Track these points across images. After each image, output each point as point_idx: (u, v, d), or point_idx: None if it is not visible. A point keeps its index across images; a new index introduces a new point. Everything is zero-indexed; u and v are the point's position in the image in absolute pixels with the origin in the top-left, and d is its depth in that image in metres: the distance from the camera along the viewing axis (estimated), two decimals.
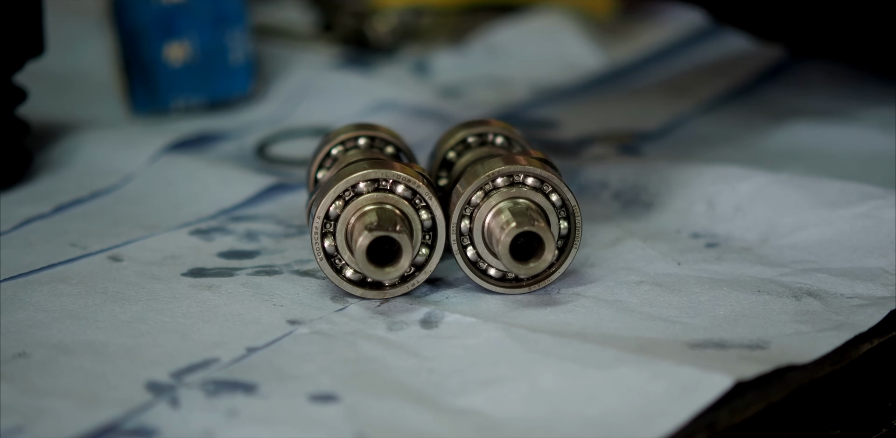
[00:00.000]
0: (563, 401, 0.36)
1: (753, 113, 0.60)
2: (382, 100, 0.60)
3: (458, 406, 0.36)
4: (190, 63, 0.60)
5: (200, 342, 0.40)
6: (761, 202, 0.48)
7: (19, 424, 0.35)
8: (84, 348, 0.39)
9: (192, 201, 0.51)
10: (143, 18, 0.59)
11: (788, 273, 0.44)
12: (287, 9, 0.75)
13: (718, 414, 0.36)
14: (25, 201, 0.50)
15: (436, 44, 0.69)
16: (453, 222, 0.42)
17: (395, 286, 0.42)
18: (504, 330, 0.40)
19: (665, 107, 0.60)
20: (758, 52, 0.65)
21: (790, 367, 0.38)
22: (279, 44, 0.67)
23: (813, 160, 0.54)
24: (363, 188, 0.42)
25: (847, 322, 0.40)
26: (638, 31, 0.71)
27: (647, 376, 0.37)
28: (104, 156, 0.54)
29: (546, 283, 0.43)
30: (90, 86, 0.64)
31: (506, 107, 0.60)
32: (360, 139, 0.46)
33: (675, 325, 0.41)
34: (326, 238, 0.42)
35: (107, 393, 0.37)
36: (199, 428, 0.36)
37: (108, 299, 0.43)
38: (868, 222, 0.46)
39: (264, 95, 0.62)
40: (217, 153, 0.56)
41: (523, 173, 0.42)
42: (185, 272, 0.45)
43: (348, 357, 0.39)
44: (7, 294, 0.43)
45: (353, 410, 0.36)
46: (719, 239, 0.47)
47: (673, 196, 0.49)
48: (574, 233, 0.43)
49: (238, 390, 0.37)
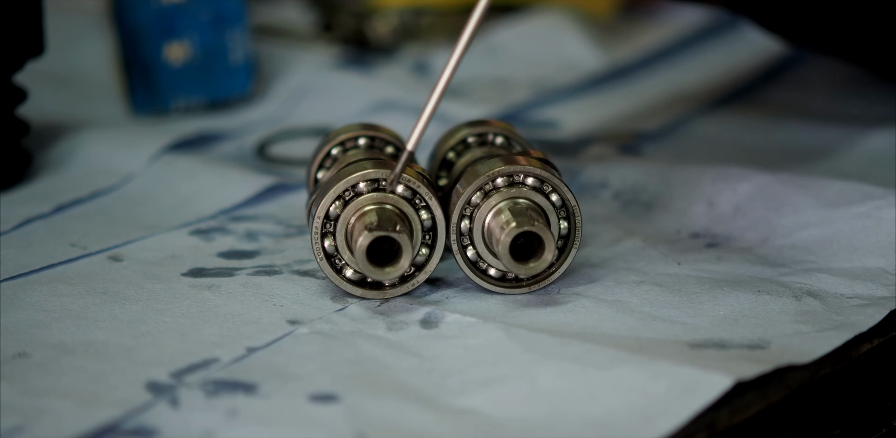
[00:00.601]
0: (563, 401, 0.36)
1: (753, 113, 0.60)
2: (382, 100, 0.60)
3: (458, 406, 0.36)
4: (190, 63, 0.60)
5: (200, 342, 0.40)
6: (761, 202, 0.48)
7: (19, 424, 0.35)
8: (84, 348, 0.39)
9: (192, 201, 0.51)
10: (143, 18, 0.59)
11: (788, 273, 0.44)
12: (287, 9, 0.75)
13: (718, 414, 0.36)
14: (25, 201, 0.50)
15: (436, 44, 0.69)
16: (453, 222, 0.42)
17: (395, 286, 0.42)
18: (504, 330, 0.40)
19: (665, 107, 0.60)
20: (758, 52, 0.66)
21: (790, 367, 0.38)
22: (279, 44, 0.67)
23: (813, 160, 0.54)
24: (363, 188, 0.42)
25: (847, 322, 0.40)
26: (638, 31, 0.71)
27: (647, 376, 0.37)
28: (104, 156, 0.54)
29: (546, 283, 0.43)
30: (90, 86, 0.64)
31: (506, 107, 0.60)
32: (360, 139, 0.46)
33: (675, 325, 0.41)
34: (326, 238, 0.42)
35: (107, 393, 0.37)
36: (199, 428, 0.36)
37: (108, 299, 0.43)
38: (868, 221, 0.46)
39: (264, 95, 0.62)
40: (217, 153, 0.56)
41: (523, 173, 0.42)
42: (185, 272, 0.45)
43: (348, 357, 0.39)
44: (7, 294, 0.43)
45: (353, 410, 0.36)
46: (719, 239, 0.47)
47: (673, 196, 0.49)
48: (574, 233, 0.43)
49: (238, 390, 0.37)
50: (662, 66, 0.66)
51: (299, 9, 0.74)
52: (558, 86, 0.63)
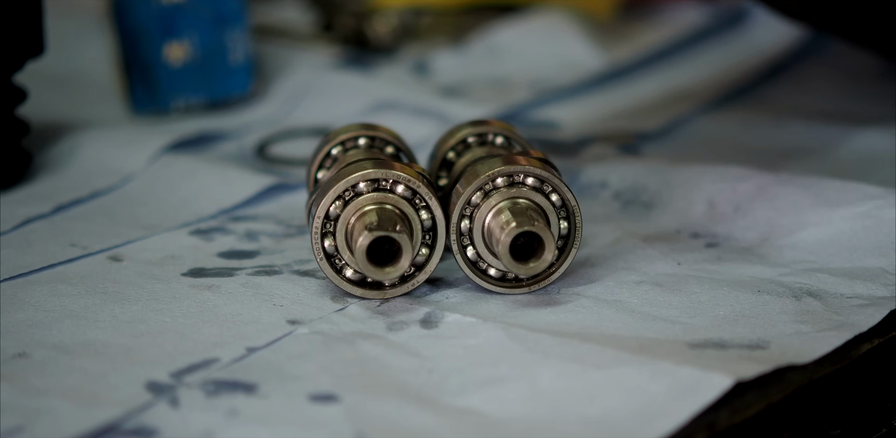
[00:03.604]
0: (563, 401, 0.36)
1: (753, 113, 0.60)
2: (382, 100, 0.60)
3: (458, 406, 0.36)
4: (190, 63, 0.60)
5: (200, 342, 0.40)
6: (761, 202, 0.48)
7: (19, 424, 0.35)
8: (84, 348, 0.39)
9: (192, 201, 0.51)
10: (143, 18, 0.59)
11: (788, 273, 0.44)
12: (287, 9, 0.75)
13: (718, 414, 0.36)
14: (25, 201, 0.50)
15: (436, 44, 0.69)
16: (453, 222, 0.42)
17: (395, 286, 0.42)
18: (504, 330, 0.40)
19: (665, 107, 0.60)
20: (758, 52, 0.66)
21: (790, 367, 0.38)
22: (279, 44, 0.67)
23: (813, 160, 0.54)
24: (363, 188, 0.42)
25: (847, 322, 0.40)
26: (638, 31, 0.71)
27: (647, 376, 0.37)
28: (104, 156, 0.54)
29: (546, 283, 0.43)
30: (90, 86, 0.64)
31: (506, 107, 0.60)
32: (360, 139, 0.46)
33: (675, 325, 0.41)
34: (326, 238, 0.42)
35: (107, 393, 0.37)
36: (199, 428, 0.36)
37: (108, 299, 0.43)
38: (868, 221, 0.46)
39: (264, 95, 0.62)
40: (217, 153, 0.56)
41: (523, 173, 0.42)
42: (185, 272, 0.45)
43: (348, 357, 0.39)
44: (7, 294, 0.43)
45: (353, 410, 0.36)
46: (719, 239, 0.47)
47: (673, 196, 0.49)
48: (574, 233, 0.43)
49: (238, 390, 0.37)
50: (662, 66, 0.66)
51: (299, 9, 0.74)
52: (558, 86, 0.63)
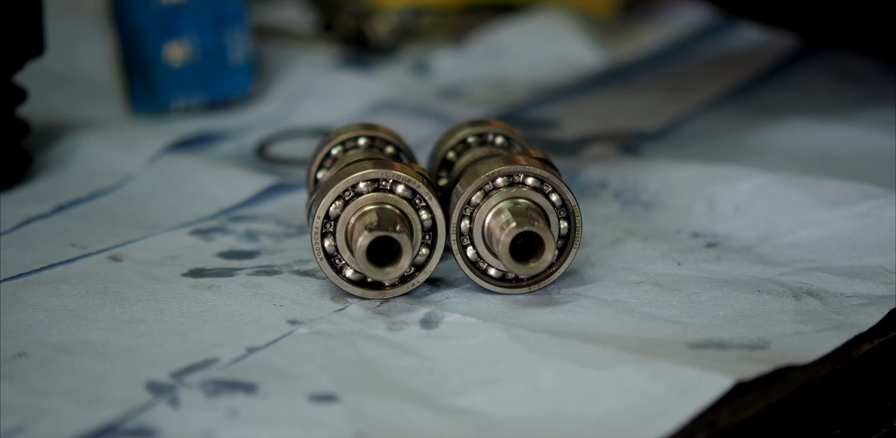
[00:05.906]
0: (563, 401, 0.36)
1: (753, 113, 0.60)
2: (382, 100, 0.60)
3: (458, 406, 0.36)
4: (190, 63, 0.60)
5: (200, 342, 0.40)
6: (761, 202, 0.48)
7: (19, 424, 0.35)
8: (84, 348, 0.39)
9: (192, 201, 0.51)
10: (143, 18, 0.59)
11: (788, 273, 0.44)
12: (287, 9, 0.75)
13: (718, 414, 0.36)
14: (25, 201, 0.50)
15: (436, 44, 0.69)
16: (453, 222, 0.42)
17: (395, 286, 0.42)
18: (504, 330, 0.40)
19: (665, 107, 0.60)
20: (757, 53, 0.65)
21: (790, 367, 0.38)
22: (279, 44, 0.67)
23: (813, 160, 0.54)
24: (363, 188, 0.42)
25: (847, 322, 0.40)
26: (638, 31, 0.71)
27: (647, 376, 0.37)
28: (104, 156, 0.54)
29: (546, 283, 0.43)
30: (90, 86, 0.64)
31: (506, 107, 0.60)
32: (360, 139, 0.46)
33: (675, 325, 0.41)
34: (326, 238, 0.42)
35: (107, 393, 0.37)
36: (199, 428, 0.36)
37: (108, 299, 0.43)
38: (868, 220, 0.46)
39: (264, 95, 0.62)
40: (217, 153, 0.56)
41: (523, 173, 0.42)
42: (185, 272, 0.45)
43: (348, 357, 0.39)
44: (7, 294, 0.43)
45: (353, 410, 0.36)
46: (719, 239, 0.47)
47: (673, 196, 0.49)
48: (574, 233, 0.43)
49: (238, 390, 0.37)
50: (662, 66, 0.66)
51: (299, 9, 0.74)
52: (558, 86, 0.63)
